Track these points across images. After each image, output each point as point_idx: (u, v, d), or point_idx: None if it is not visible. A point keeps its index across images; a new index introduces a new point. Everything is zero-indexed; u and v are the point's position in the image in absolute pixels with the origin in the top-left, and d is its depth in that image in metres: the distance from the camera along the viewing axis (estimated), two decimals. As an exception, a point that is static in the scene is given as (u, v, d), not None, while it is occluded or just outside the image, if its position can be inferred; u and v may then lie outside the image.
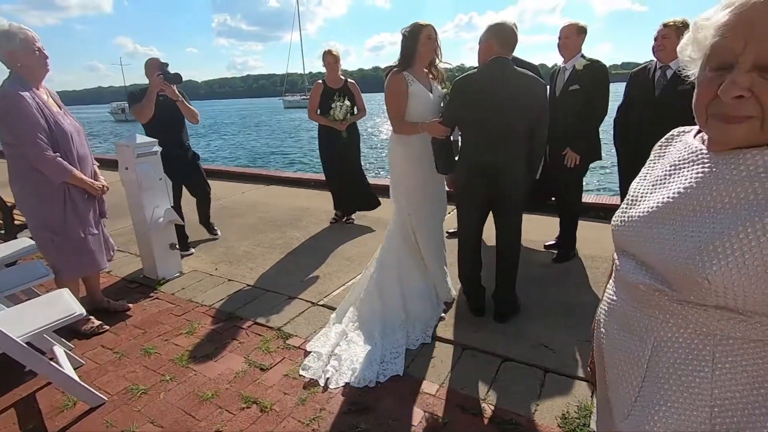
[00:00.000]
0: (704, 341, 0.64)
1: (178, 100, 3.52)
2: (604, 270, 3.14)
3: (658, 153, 0.85)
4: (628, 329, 0.75)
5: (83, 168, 2.51)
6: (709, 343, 0.63)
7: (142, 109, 3.38)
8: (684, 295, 0.64)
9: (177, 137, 3.66)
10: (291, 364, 2.25)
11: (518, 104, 2.27)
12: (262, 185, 6.42)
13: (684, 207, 0.67)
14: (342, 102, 3.94)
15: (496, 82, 2.25)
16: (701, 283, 0.60)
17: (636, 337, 0.73)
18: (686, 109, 2.78)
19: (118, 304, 2.86)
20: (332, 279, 3.21)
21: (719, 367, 0.63)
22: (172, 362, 2.31)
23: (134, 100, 3.46)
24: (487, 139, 2.33)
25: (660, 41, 2.72)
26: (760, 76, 0.58)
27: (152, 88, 3.35)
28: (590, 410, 1.84)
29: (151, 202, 3.18)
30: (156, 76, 3.33)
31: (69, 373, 2.00)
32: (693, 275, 0.61)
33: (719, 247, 0.59)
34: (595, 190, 9.01)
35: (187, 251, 3.76)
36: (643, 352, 0.71)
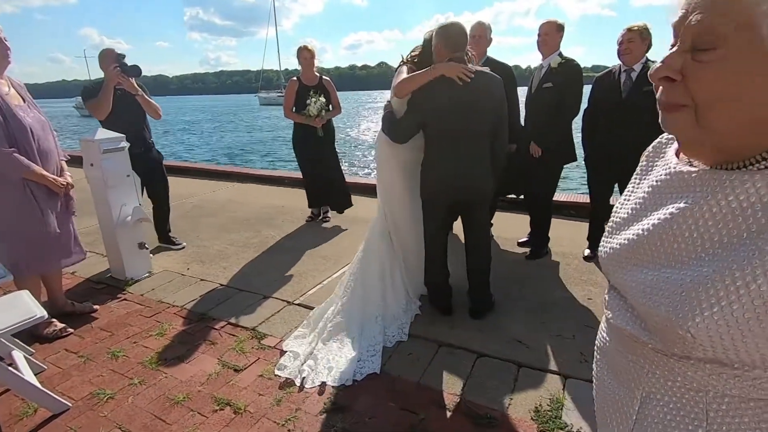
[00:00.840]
0: (695, 398, 0.56)
1: (137, 94, 3.30)
2: (575, 267, 3.23)
3: (643, 167, 0.71)
4: (616, 376, 0.68)
5: (46, 163, 2.39)
6: (701, 400, 0.55)
7: (98, 104, 3.15)
8: (667, 347, 0.55)
9: (138, 134, 3.39)
10: (266, 364, 2.22)
11: (477, 105, 2.28)
12: (235, 183, 6.29)
13: (662, 243, 0.57)
14: (317, 99, 3.90)
15: (453, 85, 2.24)
16: (684, 337, 0.51)
17: (624, 386, 0.65)
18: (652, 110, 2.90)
19: (83, 306, 2.75)
20: (308, 278, 3.17)
21: (714, 428, 0.54)
22: (141, 365, 2.23)
23: (89, 94, 3.22)
24: (450, 143, 2.33)
25: (626, 45, 2.82)
26: (693, 59, 0.49)
27: (108, 81, 3.13)
28: (562, 403, 1.89)
29: (118, 199, 3.06)
30: (113, 68, 3.13)
31: (29, 379, 1.91)
32: (674, 327, 0.52)
33: (702, 295, 0.49)
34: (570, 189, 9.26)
35: (178, 245, 3.72)
36: (631, 404, 0.64)
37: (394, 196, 2.66)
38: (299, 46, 4.00)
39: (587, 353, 2.22)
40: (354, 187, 5.46)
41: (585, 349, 2.25)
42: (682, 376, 0.56)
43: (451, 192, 2.42)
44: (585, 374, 2.06)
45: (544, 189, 3.34)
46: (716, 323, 0.48)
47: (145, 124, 3.53)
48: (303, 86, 3.99)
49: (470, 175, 2.36)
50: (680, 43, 0.50)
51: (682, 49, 0.50)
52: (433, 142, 2.41)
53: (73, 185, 2.54)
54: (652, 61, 2.85)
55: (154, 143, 3.65)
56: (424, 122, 2.36)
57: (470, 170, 2.35)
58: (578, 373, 2.07)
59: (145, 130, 3.52)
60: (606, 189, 3.23)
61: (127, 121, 3.28)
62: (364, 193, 5.38)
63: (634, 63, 2.84)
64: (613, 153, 2.98)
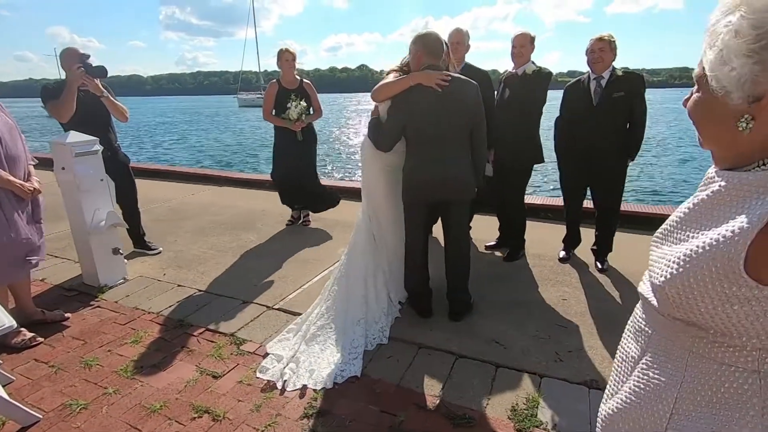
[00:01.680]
0: (682, 355, 0.70)
1: (102, 96, 3.18)
2: (551, 268, 3.32)
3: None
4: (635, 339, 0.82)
5: (14, 169, 2.32)
6: (684, 357, 0.69)
7: (61, 106, 3.00)
8: (661, 308, 0.71)
9: (103, 137, 3.18)
10: (245, 370, 2.20)
11: (455, 109, 2.35)
12: (214, 186, 6.20)
13: (680, 225, 0.71)
14: (297, 102, 3.89)
15: (430, 90, 2.31)
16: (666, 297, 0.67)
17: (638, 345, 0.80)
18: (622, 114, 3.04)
19: (54, 314, 2.67)
20: (288, 282, 3.16)
21: (688, 382, 0.68)
22: (116, 374, 2.18)
23: (50, 95, 3.04)
24: (430, 146, 2.40)
25: (598, 54, 2.93)
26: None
27: (71, 81, 2.99)
28: (537, 401, 1.94)
29: (91, 204, 2.98)
30: (76, 68, 2.99)
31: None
32: (662, 289, 0.68)
33: (679, 263, 0.65)
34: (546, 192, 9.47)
35: (154, 250, 3.66)
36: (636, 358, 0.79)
37: (378, 199, 2.69)
38: (280, 49, 3.97)
39: (562, 352, 2.28)
40: (335, 190, 5.47)
41: (559, 348, 2.32)
42: (674, 337, 0.71)
43: (431, 192, 2.47)
44: (560, 373, 2.12)
45: (518, 192, 3.43)
46: (683, 284, 0.63)
47: (110, 127, 3.42)
48: (283, 89, 3.97)
49: (450, 176, 2.43)
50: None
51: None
52: (413, 146, 2.47)
53: (41, 191, 2.47)
54: (617, 69, 2.97)
55: (120, 146, 3.54)
56: (404, 126, 2.41)
57: (450, 171, 2.42)
58: (553, 372, 2.13)
59: (110, 133, 3.39)
60: (579, 192, 3.34)
61: (91, 123, 3.13)
62: (344, 196, 5.39)
63: (604, 71, 2.96)
64: (585, 157, 3.08)
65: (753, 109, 0.60)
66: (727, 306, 0.61)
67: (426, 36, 2.36)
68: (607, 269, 3.24)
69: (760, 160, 0.62)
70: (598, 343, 2.36)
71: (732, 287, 0.59)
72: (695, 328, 0.66)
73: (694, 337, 0.67)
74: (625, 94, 2.91)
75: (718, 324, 0.62)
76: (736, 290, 0.59)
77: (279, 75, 4.07)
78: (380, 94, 2.40)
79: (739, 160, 0.65)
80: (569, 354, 2.27)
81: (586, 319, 2.62)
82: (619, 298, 2.88)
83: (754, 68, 0.57)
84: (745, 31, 0.57)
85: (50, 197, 2.62)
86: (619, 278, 3.13)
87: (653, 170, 12.76)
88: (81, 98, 3.10)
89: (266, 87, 4.17)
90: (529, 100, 3.14)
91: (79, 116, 3.10)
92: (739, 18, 0.58)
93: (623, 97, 2.92)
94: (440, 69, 2.35)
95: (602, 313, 2.66)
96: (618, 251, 3.35)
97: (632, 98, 2.91)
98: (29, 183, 2.40)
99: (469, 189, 2.52)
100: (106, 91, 3.23)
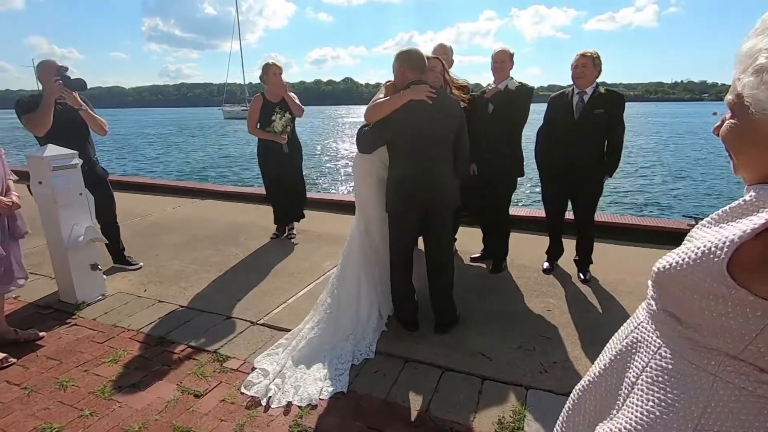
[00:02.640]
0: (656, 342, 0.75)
1: (80, 109, 3.13)
2: (535, 279, 3.35)
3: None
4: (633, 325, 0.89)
5: None
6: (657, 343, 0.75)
7: (38, 120, 2.93)
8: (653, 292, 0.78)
9: (82, 150, 3.12)
10: (228, 388, 2.15)
11: (439, 120, 2.41)
12: (197, 199, 6.12)
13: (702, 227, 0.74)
14: (282, 115, 3.90)
15: (416, 105, 2.35)
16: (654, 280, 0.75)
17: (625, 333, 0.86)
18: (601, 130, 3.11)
19: (28, 333, 2.57)
20: (273, 297, 3.12)
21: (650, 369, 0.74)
22: (93, 395, 2.11)
23: (25, 108, 2.98)
24: (414, 157, 2.43)
25: (581, 70, 3.01)
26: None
27: (49, 94, 2.93)
28: (524, 414, 1.94)
29: (69, 219, 2.91)
30: (54, 81, 2.94)
31: (-36, 416, 1.76)
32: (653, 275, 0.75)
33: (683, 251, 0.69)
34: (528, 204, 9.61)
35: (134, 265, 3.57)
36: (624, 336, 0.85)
37: (371, 213, 2.69)
38: (266, 63, 3.97)
39: (547, 364, 2.30)
40: (320, 202, 5.46)
41: (545, 359, 2.33)
42: (657, 330, 0.76)
43: (415, 202, 2.48)
44: (546, 384, 2.13)
45: (503, 204, 3.48)
46: (664, 268, 0.70)
47: (88, 140, 3.35)
48: (268, 102, 3.97)
49: (433, 185, 2.46)
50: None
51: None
52: (398, 156, 2.49)
53: (19, 205, 2.40)
54: (601, 85, 3.06)
55: (98, 160, 3.48)
56: (390, 137, 2.45)
57: (433, 181, 2.45)
58: (539, 384, 2.14)
59: (88, 146, 3.33)
60: (560, 204, 3.40)
61: (68, 136, 3.06)
62: (329, 209, 5.38)
63: (587, 86, 3.04)
64: (567, 170, 3.15)
65: None
66: (704, 301, 0.64)
67: (408, 52, 2.41)
68: (590, 280, 3.29)
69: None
70: (582, 354, 2.38)
71: (713, 283, 0.63)
72: (674, 319, 0.71)
73: (672, 330, 0.71)
74: (605, 111, 3.00)
75: (690, 315, 0.68)
76: (717, 287, 0.62)
77: (264, 89, 4.07)
78: (373, 116, 2.43)
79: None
80: (554, 365, 2.29)
81: (570, 329, 2.64)
82: (602, 308, 2.92)
83: None
84: None
85: (24, 211, 2.55)
86: (601, 289, 3.18)
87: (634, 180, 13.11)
88: (58, 111, 3.03)
89: (251, 99, 4.16)
90: (515, 114, 3.21)
91: (56, 129, 3.03)
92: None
93: (603, 114, 3.00)
94: (425, 83, 2.40)
95: (586, 324, 2.69)
96: (600, 262, 3.41)
97: (611, 116, 3.00)
98: (7, 198, 2.34)
99: (453, 197, 2.56)
100: (84, 104, 3.18)
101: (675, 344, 0.71)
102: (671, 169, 15.32)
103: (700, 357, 0.68)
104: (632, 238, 4.13)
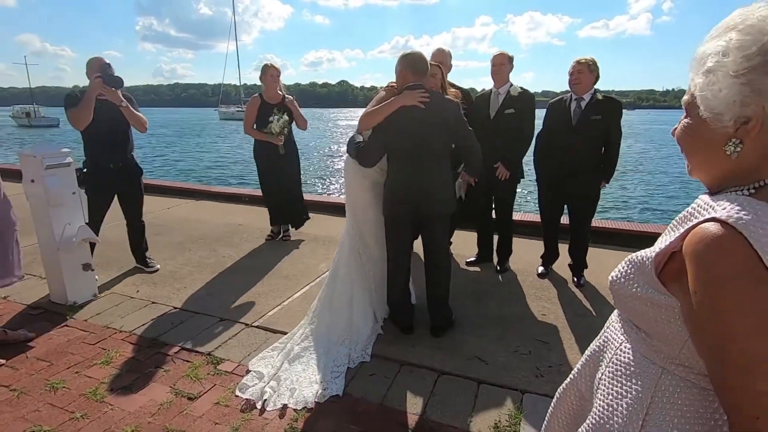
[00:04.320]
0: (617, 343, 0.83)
1: (121, 105, 3.18)
2: (530, 283, 3.36)
3: None
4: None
5: None
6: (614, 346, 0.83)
7: (78, 114, 3.04)
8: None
9: (120, 147, 3.32)
10: (223, 390, 2.13)
11: (436, 125, 2.40)
12: (191, 200, 6.07)
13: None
14: (280, 116, 3.89)
15: (411, 109, 2.36)
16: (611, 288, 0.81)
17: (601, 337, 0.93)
18: (597, 136, 3.12)
19: (17, 333, 2.52)
20: (268, 298, 3.10)
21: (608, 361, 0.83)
22: (84, 397, 2.07)
23: (71, 102, 3.10)
24: (410, 162, 2.43)
25: (576, 76, 3.04)
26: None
27: (90, 91, 3.03)
28: (519, 418, 1.94)
29: (62, 218, 2.87)
30: (95, 77, 3.02)
31: (-48, 418, 1.72)
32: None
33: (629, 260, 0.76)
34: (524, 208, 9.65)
35: (151, 268, 3.55)
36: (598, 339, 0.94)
37: (362, 217, 2.68)
38: (265, 64, 3.99)
39: (543, 368, 2.30)
40: (315, 205, 5.43)
41: (540, 363, 2.34)
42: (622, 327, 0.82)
43: (411, 206, 2.48)
44: (541, 388, 2.13)
45: (509, 207, 3.54)
46: (615, 278, 0.77)
47: (128, 137, 3.41)
48: (265, 104, 3.96)
49: (430, 191, 2.46)
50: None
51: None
52: (395, 161, 2.49)
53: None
54: (599, 91, 3.08)
55: (134, 156, 3.51)
56: (386, 141, 2.44)
57: (430, 186, 2.45)
58: (535, 388, 2.14)
59: (127, 143, 3.40)
60: (556, 209, 3.42)
61: (107, 133, 3.20)
62: (324, 211, 5.36)
63: (584, 92, 3.06)
64: (563, 175, 3.17)
65: (740, 133, 0.61)
66: (645, 307, 0.71)
67: (411, 55, 2.42)
68: (584, 284, 3.31)
69: (754, 183, 0.63)
70: (578, 358, 2.38)
71: (649, 289, 0.69)
72: (631, 323, 0.78)
73: (634, 338, 0.77)
74: (602, 117, 3.02)
75: (640, 321, 0.74)
76: (653, 294, 0.69)
77: (261, 89, 4.06)
78: (366, 124, 2.44)
79: (726, 186, 0.67)
80: (550, 369, 2.29)
81: (565, 333, 2.65)
82: (597, 312, 2.94)
83: (743, 89, 0.59)
84: (732, 53, 0.59)
85: (16, 211, 2.51)
86: (595, 293, 3.20)
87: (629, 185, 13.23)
88: (98, 107, 3.09)
89: (247, 100, 4.15)
90: (519, 120, 3.24)
91: (96, 124, 3.12)
92: (727, 41, 0.60)
93: (599, 121, 3.02)
94: (422, 87, 2.40)
95: (581, 328, 2.70)
96: (594, 266, 3.43)
97: (608, 122, 3.02)
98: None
99: (449, 203, 2.55)
100: (125, 100, 3.22)
101: (633, 341, 0.77)
102: (666, 174, 15.50)
103: (651, 352, 0.74)
104: (626, 243, 4.16)
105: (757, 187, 0.62)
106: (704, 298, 0.58)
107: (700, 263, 0.58)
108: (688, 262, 0.60)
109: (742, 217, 0.56)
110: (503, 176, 3.32)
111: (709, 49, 0.63)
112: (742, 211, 0.57)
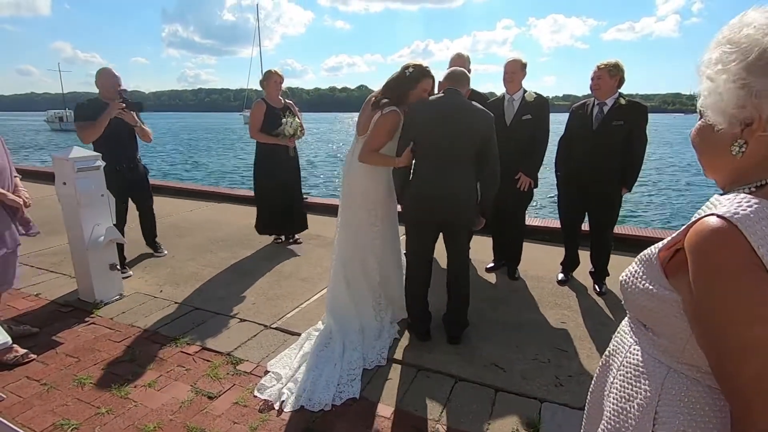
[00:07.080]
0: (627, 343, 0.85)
1: (136, 126, 3.54)
2: (549, 290, 3.31)
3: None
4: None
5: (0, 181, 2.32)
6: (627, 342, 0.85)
7: (92, 130, 3.28)
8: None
9: (130, 152, 3.61)
10: (242, 390, 2.17)
11: (465, 129, 2.39)
12: (213, 203, 6.20)
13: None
14: (293, 119, 3.97)
15: (448, 107, 2.38)
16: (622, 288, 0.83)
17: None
18: (619, 142, 3.04)
19: (21, 329, 2.61)
20: (286, 300, 3.14)
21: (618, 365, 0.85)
22: (110, 393, 2.14)
23: (81, 115, 3.32)
24: (436, 165, 2.41)
25: (596, 81, 2.98)
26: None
27: (108, 112, 3.28)
28: (537, 427, 1.91)
29: (91, 219, 2.98)
30: (119, 102, 3.30)
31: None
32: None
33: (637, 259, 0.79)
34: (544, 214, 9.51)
35: (125, 273, 3.53)
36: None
37: (382, 210, 2.68)
38: (269, 70, 4.14)
39: (562, 376, 2.26)
40: (332, 208, 5.46)
41: (560, 372, 2.30)
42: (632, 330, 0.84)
43: (436, 210, 2.45)
44: (560, 398, 2.10)
45: (523, 213, 3.51)
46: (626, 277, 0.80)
47: (135, 140, 3.69)
48: (271, 108, 4.05)
49: (455, 198, 2.42)
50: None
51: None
52: (421, 164, 2.48)
53: (29, 204, 2.46)
54: (623, 96, 3.00)
55: (140, 159, 3.78)
56: (413, 135, 2.44)
57: (455, 193, 2.42)
58: (554, 397, 2.10)
59: (135, 149, 3.69)
60: (577, 215, 3.35)
61: (118, 140, 3.45)
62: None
63: (605, 97, 3.00)
64: (582, 180, 3.12)
65: (745, 134, 0.65)
66: (654, 302, 0.73)
67: (452, 72, 2.53)
68: (606, 293, 3.24)
69: (757, 181, 0.67)
70: (598, 368, 2.34)
71: (656, 284, 0.72)
72: (640, 323, 0.80)
73: (643, 335, 0.80)
74: (624, 123, 2.94)
75: (647, 319, 0.77)
76: (659, 289, 0.72)
77: (263, 94, 4.15)
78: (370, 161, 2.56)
79: (734, 185, 0.70)
80: (570, 378, 2.25)
81: (585, 342, 2.60)
82: (619, 322, 2.86)
83: (740, 93, 0.63)
84: (729, 60, 0.63)
85: (47, 211, 2.62)
86: (616, 302, 3.12)
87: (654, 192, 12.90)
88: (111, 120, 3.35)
89: (252, 106, 4.27)
90: (535, 126, 3.21)
91: (108, 134, 3.34)
92: (723, 49, 0.64)
93: (622, 126, 2.95)
94: (460, 94, 2.46)
95: (602, 337, 2.65)
96: (617, 275, 3.34)
97: (631, 128, 2.93)
98: (17, 196, 2.40)
99: (469, 214, 2.50)
100: (139, 121, 3.59)
101: (642, 341, 0.80)
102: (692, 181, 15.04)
103: (658, 352, 0.76)
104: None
105: (758, 185, 0.66)
106: (701, 286, 0.62)
107: (698, 254, 0.63)
108: (688, 254, 0.64)
109: (739, 212, 0.60)
110: (525, 186, 3.27)
111: (710, 57, 0.67)
112: (740, 207, 0.61)
